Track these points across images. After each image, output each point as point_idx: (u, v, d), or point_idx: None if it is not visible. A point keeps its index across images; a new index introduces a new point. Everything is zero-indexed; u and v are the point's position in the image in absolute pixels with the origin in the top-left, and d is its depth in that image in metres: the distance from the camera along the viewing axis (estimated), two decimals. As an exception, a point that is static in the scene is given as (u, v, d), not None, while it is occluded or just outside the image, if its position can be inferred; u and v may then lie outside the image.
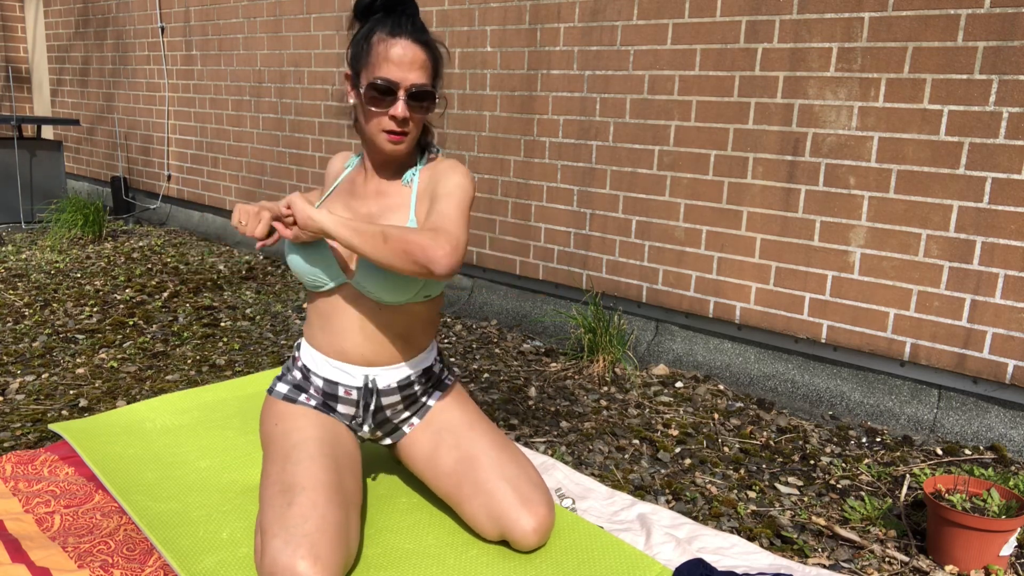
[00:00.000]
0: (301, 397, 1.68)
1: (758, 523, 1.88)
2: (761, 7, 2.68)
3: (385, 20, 1.53)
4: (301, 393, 1.69)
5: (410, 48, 1.52)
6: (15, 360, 2.76)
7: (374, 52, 1.52)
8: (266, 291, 3.83)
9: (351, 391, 1.67)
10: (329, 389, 1.68)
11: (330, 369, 1.67)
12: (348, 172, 1.75)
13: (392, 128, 1.54)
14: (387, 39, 1.52)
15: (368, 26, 1.56)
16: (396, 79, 1.51)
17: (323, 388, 1.68)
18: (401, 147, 1.58)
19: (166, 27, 5.21)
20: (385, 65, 1.51)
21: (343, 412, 1.70)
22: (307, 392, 1.69)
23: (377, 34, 1.53)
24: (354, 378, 1.67)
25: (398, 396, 1.71)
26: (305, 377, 1.70)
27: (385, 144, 1.57)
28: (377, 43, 1.52)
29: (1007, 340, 2.37)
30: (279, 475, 1.50)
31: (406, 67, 1.51)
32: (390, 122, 1.54)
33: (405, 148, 1.59)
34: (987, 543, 1.65)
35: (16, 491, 1.77)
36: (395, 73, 1.51)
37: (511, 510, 1.58)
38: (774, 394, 2.72)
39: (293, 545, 1.35)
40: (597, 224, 3.23)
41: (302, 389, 1.70)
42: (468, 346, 3.12)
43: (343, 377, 1.67)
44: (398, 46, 1.51)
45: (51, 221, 5.34)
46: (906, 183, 2.47)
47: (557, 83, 3.25)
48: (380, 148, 1.59)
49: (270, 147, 4.67)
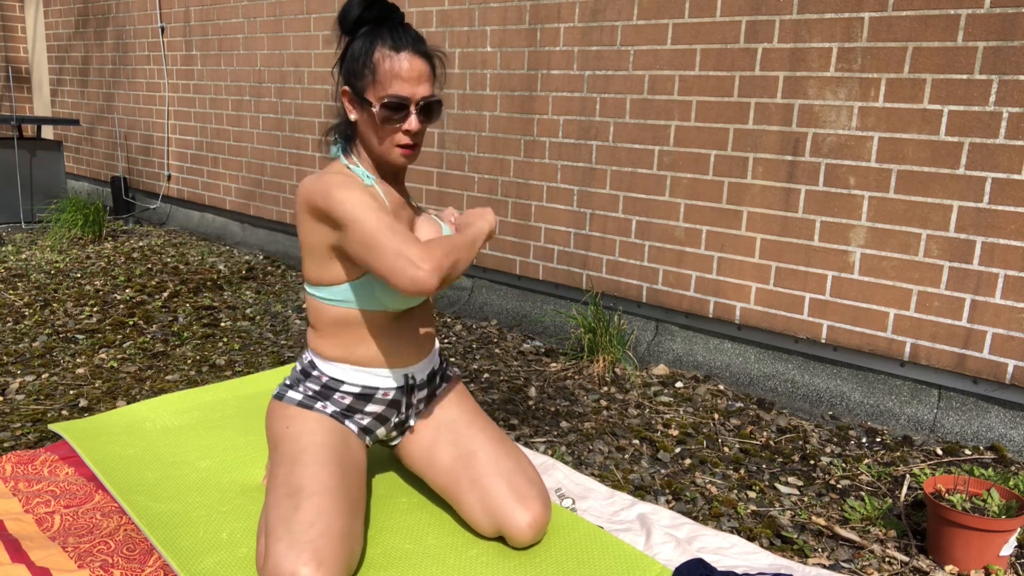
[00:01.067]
0: (317, 405, 1.66)
1: (758, 523, 1.88)
2: (761, 7, 2.68)
3: (382, 34, 1.51)
4: (318, 401, 1.67)
5: (416, 62, 1.51)
6: (15, 360, 2.76)
7: (381, 69, 1.50)
8: (266, 291, 3.83)
9: (389, 392, 1.68)
10: (366, 392, 1.67)
11: (367, 377, 1.66)
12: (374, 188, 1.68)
13: (407, 143, 1.56)
14: (392, 55, 1.50)
15: (364, 41, 1.53)
16: (407, 95, 1.51)
17: (358, 393, 1.66)
18: (413, 158, 1.61)
19: (166, 27, 5.21)
20: (396, 82, 1.50)
21: (371, 411, 1.69)
22: (326, 400, 1.67)
23: (379, 50, 1.50)
24: (394, 379, 1.68)
25: (426, 390, 1.75)
26: (329, 388, 1.67)
27: (399, 158, 1.58)
28: (382, 60, 1.50)
29: (1007, 340, 2.37)
30: (286, 477, 1.50)
31: (415, 82, 1.51)
32: (404, 137, 1.55)
33: (415, 157, 1.62)
34: (987, 543, 1.65)
35: (16, 491, 1.77)
36: (406, 89, 1.51)
37: (506, 505, 1.59)
38: (774, 394, 2.72)
39: (297, 550, 1.35)
40: (597, 224, 3.23)
41: (322, 398, 1.67)
42: (468, 346, 3.13)
43: (382, 381, 1.67)
44: (404, 61, 1.50)
45: (51, 221, 5.34)
46: (906, 183, 2.47)
47: (557, 83, 3.25)
48: (393, 162, 1.59)
49: (270, 147, 4.67)
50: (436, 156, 3.78)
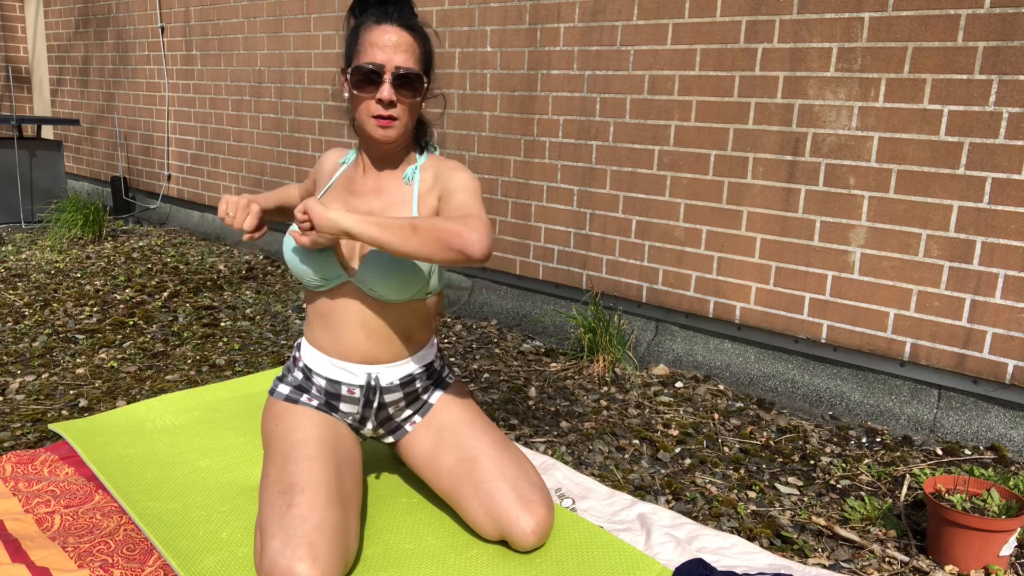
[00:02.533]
0: (303, 398, 1.68)
1: (758, 523, 1.88)
2: (761, 7, 2.68)
3: (375, 12, 1.56)
4: (303, 394, 1.69)
5: (394, 31, 1.53)
6: (15, 360, 2.76)
7: (361, 40, 1.55)
8: (266, 291, 3.83)
9: (354, 389, 1.67)
10: (332, 388, 1.67)
11: (332, 369, 1.67)
12: (344, 168, 1.74)
13: (380, 112, 1.54)
14: (372, 26, 1.54)
15: (359, 22, 1.58)
16: (380, 61, 1.52)
17: (326, 388, 1.68)
18: (391, 132, 1.57)
19: (166, 27, 5.21)
20: (370, 50, 1.53)
21: (346, 411, 1.70)
22: (309, 392, 1.69)
23: (365, 24, 1.56)
24: (357, 377, 1.67)
25: (400, 393, 1.71)
26: (307, 377, 1.70)
27: (375, 130, 1.56)
28: (363, 31, 1.55)
29: (1007, 340, 2.37)
30: (278, 475, 1.50)
31: (390, 50, 1.52)
32: (377, 106, 1.54)
33: (395, 135, 1.58)
34: (987, 543, 1.65)
35: (16, 491, 1.77)
36: (379, 56, 1.52)
37: (510, 510, 1.58)
38: (774, 394, 2.72)
39: (292, 546, 1.36)
40: (597, 224, 3.23)
41: (304, 390, 1.69)
42: (468, 346, 3.13)
43: (346, 376, 1.67)
44: (382, 31, 1.53)
45: (51, 221, 5.34)
46: (906, 183, 2.47)
47: (557, 83, 3.25)
48: (370, 135, 1.58)
49: (270, 147, 4.67)
50: (436, 156, 3.78)
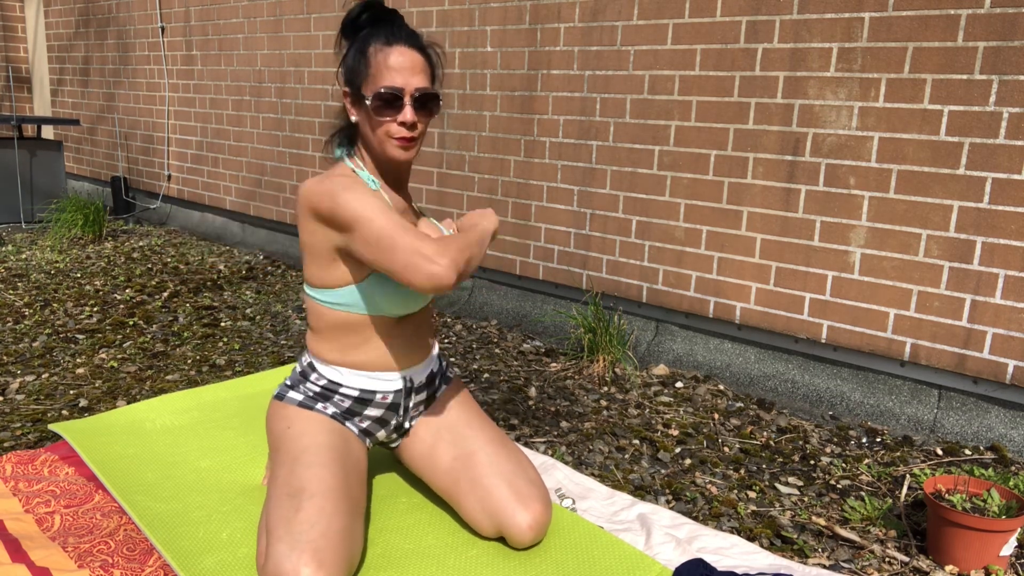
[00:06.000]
0: (318, 405, 1.67)
1: (758, 523, 1.88)
2: (761, 7, 2.68)
3: (377, 33, 1.54)
4: (318, 402, 1.67)
5: (408, 54, 1.53)
6: (15, 360, 2.76)
7: (374, 63, 1.53)
8: (266, 291, 3.83)
9: (387, 396, 1.68)
10: (364, 396, 1.67)
11: (366, 381, 1.66)
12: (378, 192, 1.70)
13: (403, 134, 1.55)
14: (384, 48, 1.53)
15: (359, 42, 1.56)
16: (400, 85, 1.52)
17: (356, 397, 1.67)
18: (412, 153, 1.59)
19: (166, 27, 5.21)
20: (387, 73, 1.52)
21: (370, 415, 1.69)
22: (328, 401, 1.67)
23: (373, 46, 1.53)
24: (392, 383, 1.68)
25: (425, 392, 1.75)
26: (329, 391, 1.67)
27: (396, 151, 1.57)
28: (375, 54, 1.53)
29: (1007, 340, 2.37)
30: (287, 478, 1.50)
31: (408, 73, 1.52)
32: (400, 128, 1.54)
33: (415, 154, 1.60)
34: (987, 543, 1.65)
35: (16, 491, 1.77)
36: (398, 80, 1.52)
37: (507, 506, 1.59)
38: (774, 394, 2.72)
39: (298, 551, 1.35)
40: (597, 224, 3.23)
41: (322, 399, 1.67)
42: (468, 346, 3.13)
43: (381, 385, 1.67)
44: (397, 53, 1.52)
45: (51, 221, 5.34)
46: (906, 183, 2.47)
47: (557, 83, 3.25)
48: (391, 157, 1.58)
49: (270, 147, 4.67)
50: (436, 156, 3.78)
